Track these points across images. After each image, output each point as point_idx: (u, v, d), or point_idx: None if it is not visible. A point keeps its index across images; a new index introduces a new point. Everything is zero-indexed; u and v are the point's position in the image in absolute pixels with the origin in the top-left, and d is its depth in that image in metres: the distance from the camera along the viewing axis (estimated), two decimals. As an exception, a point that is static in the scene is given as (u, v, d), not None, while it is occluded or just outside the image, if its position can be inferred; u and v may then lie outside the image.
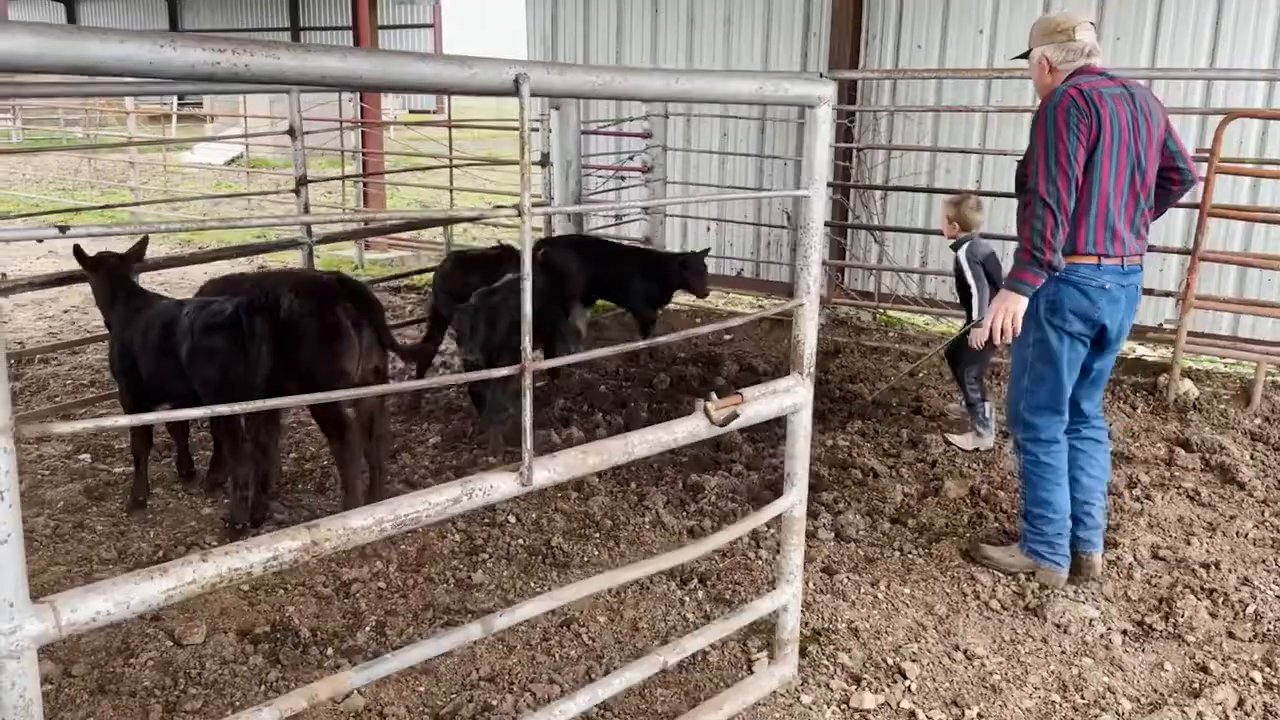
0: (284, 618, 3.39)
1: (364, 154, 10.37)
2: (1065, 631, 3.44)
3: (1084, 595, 3.68)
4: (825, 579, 3.79)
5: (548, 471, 2.12)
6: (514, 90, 1.86)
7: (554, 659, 3.25)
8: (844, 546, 4.08)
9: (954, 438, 5.21)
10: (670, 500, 4.47)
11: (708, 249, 6.89)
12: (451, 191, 8.88)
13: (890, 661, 3.25)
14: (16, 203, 13.68)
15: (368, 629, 3.37)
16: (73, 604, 1.51)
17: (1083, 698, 3.08)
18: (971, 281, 4.98)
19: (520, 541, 4.04)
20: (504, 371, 2.02)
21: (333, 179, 9.83)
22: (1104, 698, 3.09)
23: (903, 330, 7.92)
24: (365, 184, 10.35)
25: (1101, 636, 3.42)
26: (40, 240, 1.50)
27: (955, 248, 5.13)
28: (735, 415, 2.52)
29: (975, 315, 4.90)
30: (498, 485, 2.01)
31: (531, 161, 6.44)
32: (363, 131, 10.17)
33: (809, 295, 2.69)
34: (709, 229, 9.07)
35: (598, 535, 4.13)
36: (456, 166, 8.85)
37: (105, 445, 4.95)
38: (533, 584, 3.75)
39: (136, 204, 9.32)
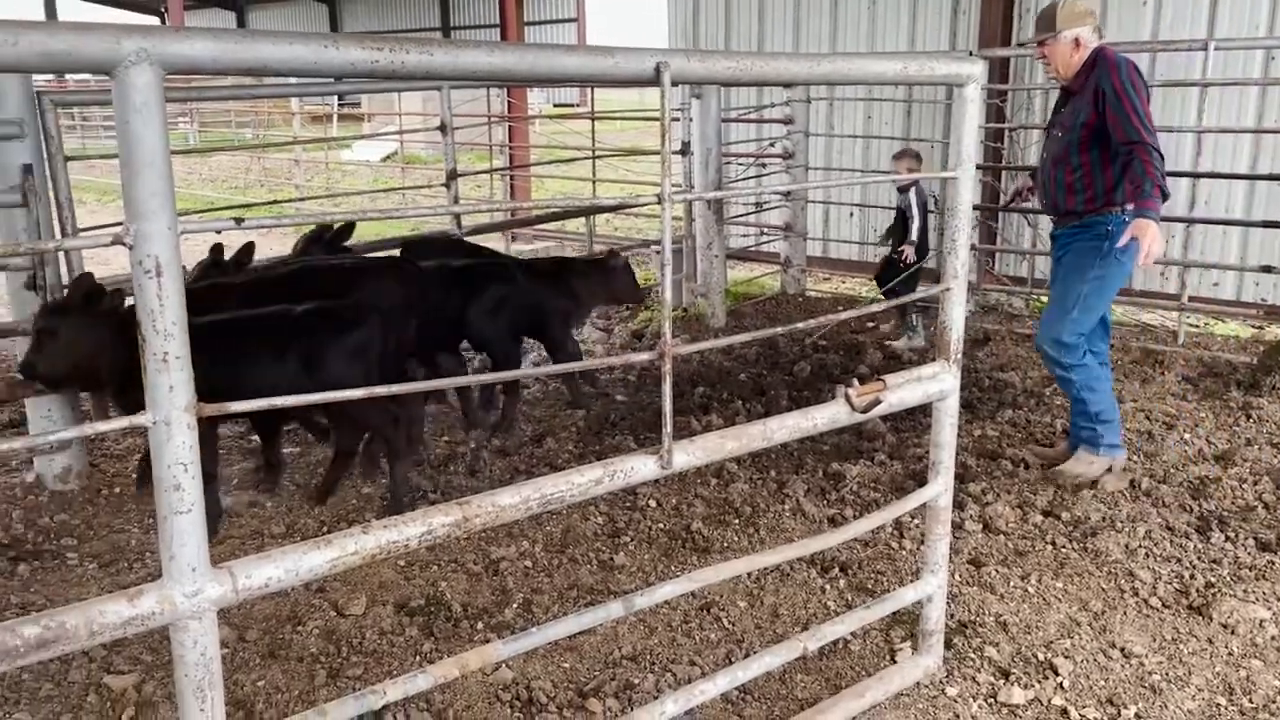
0: (437, 592, 3.54)
1: (510, 148, 10.65)
2: (1233, 632, 3.26)
3: (1254, 595, 3.47)
4: (972, 571, 3.70)
5: (687, 455, 2.15)
6: (655, 78, 1.90)
7: (694, 641, 3.29)
8: (993, 538, 3.97)
9: (892, 343, 6.56)
10: (811, 488, 4.44)
11: (616, 252, 5.84)
12: (594, 182, 9.02)
13: (1041, 657, 3.15)
14: (194, 200, 14.64)
15: (515, 606, 3.49)
16: (248, 570, 1.63)
17: (1251, 701, 2.92)
18: (916, 216, 6.37)
19: (661, 526, 4.10)
20: (644, 356, 2.06)
21: (481, 172, 10.12)
22: (1275, 701, 2.92)
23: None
24: (511, 177, 10.62)
25: (1273, 638, 3.23)
26: (219, 232, 1.64)
27: (903, 190, 6.44)
28: (877, 402, 2.50)
29: (914, 236, 6.39)
30: (638, 467, 2.06)
31: (672, 150, 6.46)
32: (509, 126, 10.44)
33: (956, 280, 2.63)
34: (852, 215, 8.93)
35: (737, 522, 4.15)
36: (599, 158, 8.98)
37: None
38: (673, 567, 3.80)
39: (301, 199, 9.84)
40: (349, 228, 5.11)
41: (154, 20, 40.80)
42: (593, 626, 3.28)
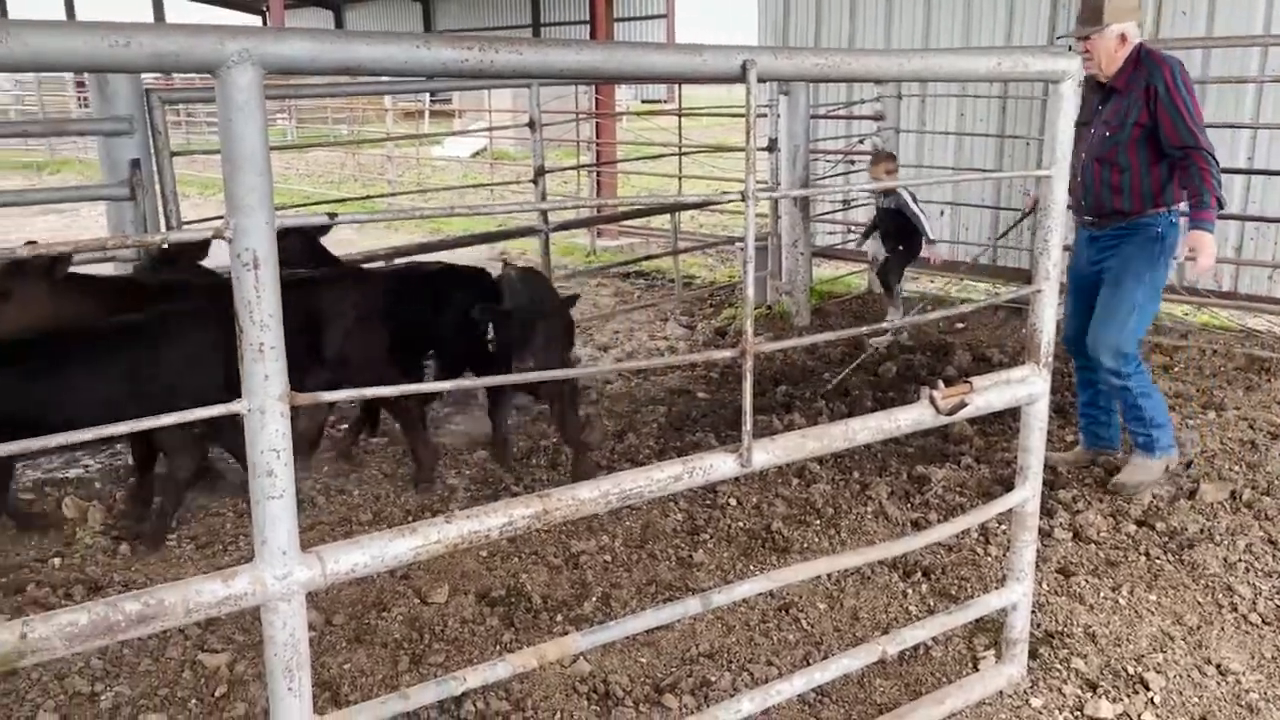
0: (518, 584, 3.59)
1: (597, 144, 10.71)
2: (1339, 654, 3.11)
3: (1365, 616, 3.31)
4: (1061, 580, 3.61)
5: (767, 454, 2.14)
6: (741, 76, 1.89)
7: (772, 641, 3.28)
8: (1083, 548, 3.86)
9: (885, 321, 6.41)
10: (894, 491, 4.37)
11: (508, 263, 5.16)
12: (680, 179, 9.02)
13: (1131, 671, 3.05)
14: (291, 194, 15.07)
15: (594, 599, 3.52)
16: (336, 555, 1.68)
17: (1358, 727, 2.79)
18: (919, 211, 6.38)
19: (740, 524, 4.09)
20: (725, 354, 2.06)
21: (568, 168, 10.21)
22: (1385, 730, 2.78)
23: (1158, 321, 7.35)
24: (598, 173, 10.69)
25: (1384, 662, 3.07)
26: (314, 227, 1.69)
27: (888, 193, 6.44)
28: (962, 405, 2.45)
29: (932, 235, 6.45)
30: (717, 465, 2.06)
31: (759, 147, 6.40)
32: (597, 122, 10.50)
33: (1048, 281, 2.56)
34: (943, 213, 8.75)
35: (818, 522, 4.11)
36: (685, 154, 8.97)
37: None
38: (752, 566, 3.79)
39: (393, 194, 10.05)
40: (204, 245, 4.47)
41: (256, 19, 42.10)
42: (670, 623, 3.31)
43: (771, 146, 7.36)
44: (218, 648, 3.19)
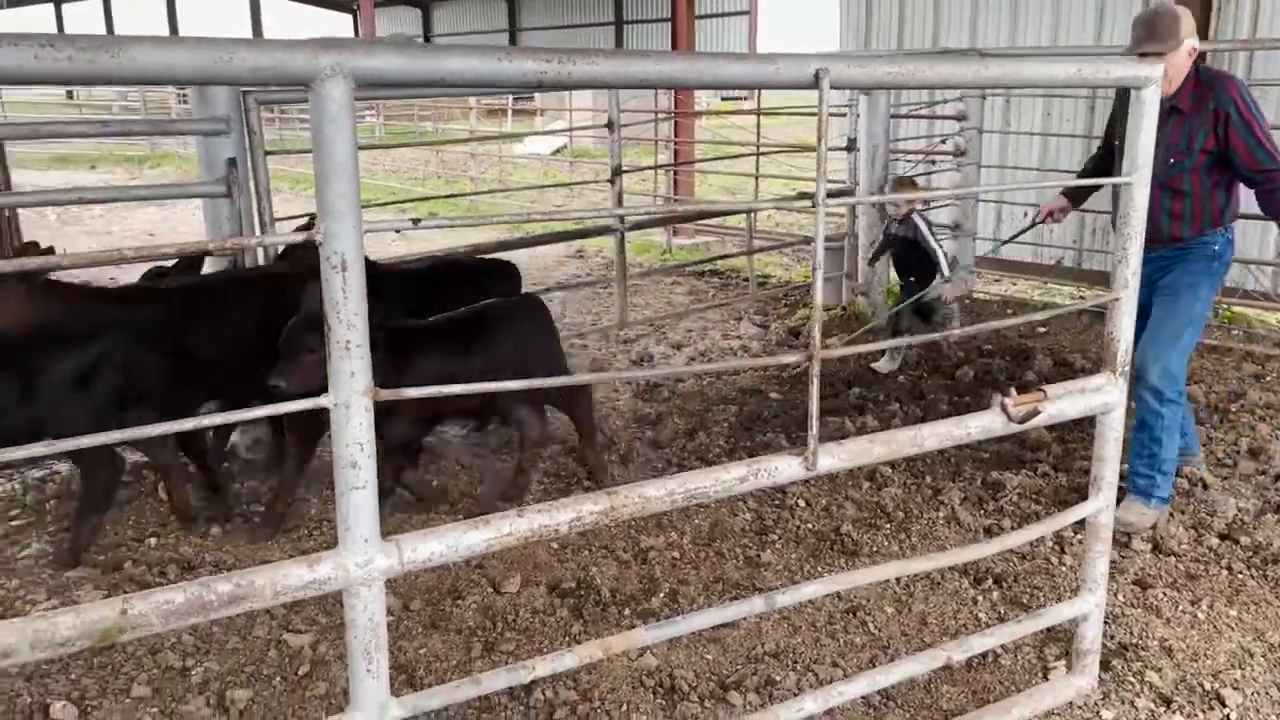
0: (588, 577, 3.66)
1: (675, 143, 10.74)
2: None
3: None
4: (1137, 592, 3.55)
5: (833, 458, 2.17)
6: (814, 84, 1.92)
7: (838, 643, 3.29)
8: (1162, 560, 3.78)
9: (879, 365, 6.20)
10: (968, 497, 4.34)
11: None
12: (757, 178, 9.02)
13: (1207, 686, 3.00)
14: (377, 190, 15.43)
15: (661, 595, 3.57)
16: (414, 544, 1.76)
17: None
18: (936, 246, 5.79)
19: (809, 526, 4.10)
20: (792, 358, 2.09)
21: (645, 169, 10.28)
22: None
23: (1249, 328, 7.12)
24: (676, 172, 10.73)
25: None
26: (398, 231, 1.78)
27: (902, 221, 5.91)
28: (1035, 413, 2.44)
29: (947, 273, 5.78)
30: (782, 468, 2.09)
31: (838, 147, 6.38)
32: (675, 121, 10.54)
33: (1126, 289, 2.54)
34: (1026, 214, 8.58)
35: (888, 526, 4.10)
36: (763, 154, 8.97)
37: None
38: (820, 568, 3.80)
39: (476, 194, 10.23)
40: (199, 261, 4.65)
41: (347, 18, 43.11)
42: (736, 621, 3.35)
43: (850, 146, 7.32)
44: (302, 628, 3.33)
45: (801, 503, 4.30)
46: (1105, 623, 3.31)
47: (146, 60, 1.39)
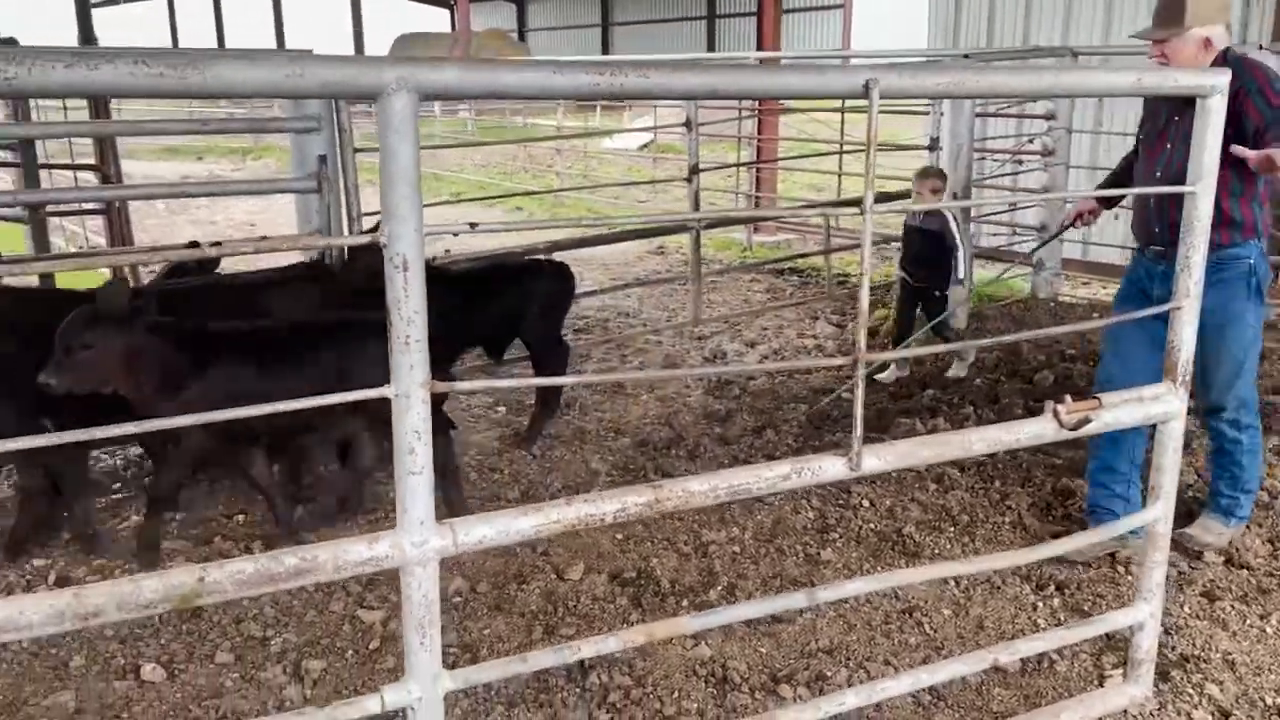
0: (649, 567, 3.75)
1: (759, 140, 10.75)
2: None
3: None
4: (1204, 604, 3.49)
5: (878, 459, 2.21)
6: (864, 94, 1.97)
7: (893, 642, 3.32)
8: (1234, 573, 3.71)
9: (951, 372, 6.01)
10: (1036, 503, 4.30)
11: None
12: (840, 176, 8.98)
13: (1270, 702, 2.95)
14: (465, 184, 15.78)
15: (720, 588, 3.64)
16: (466, 528, 1.87)
17: None
18: (961, 244, 5.60)
19: (871, 526, 4.12)
20: (835, 361, 2.14)
21: (724, 166, 10.32)
22: None
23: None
24: (758, 169, 10.75)
25: None
26: (455, 235, 1.89)
27: (929, 213, 5.66)
28: (1087, 420, 2.44)
29: (962, 274, 5.65)
30: (826, 467, 2.15)
31: (920, 146, 6.32)
32: (759, 119, 10.55)
33: (1188, 298, 2.51)
34: (1116, 216, 8.39)
35: (952, 529, 4.10)
36: (847, 152, 8.92)
37: (519, 401, 5.69)
38: (879, 568, 3.82)
39: (560, 190, 10.40)
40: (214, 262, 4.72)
41: (444, 14, 43.86)
42: (792, 617, 3.41)
43: (933, 145, 7.26)
44: (374, 605, 3.49)
45: (866, 503, 4.32)
46: (1168, 633, 3.29)
47: (230, 76, 1.52)
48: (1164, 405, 2.60)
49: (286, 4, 35.88)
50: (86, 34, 6.88)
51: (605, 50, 40.97)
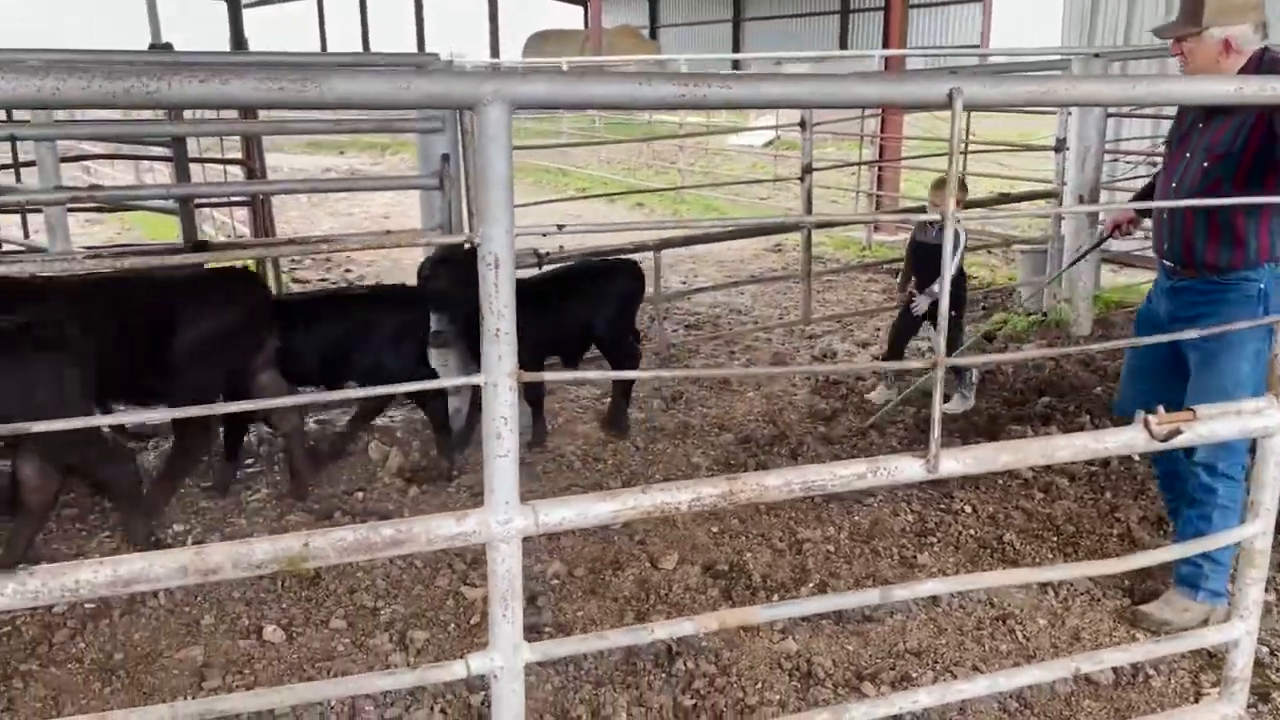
0: (741, 561, 3.83)
1: (881, 138, 10.61)
2: None
3: None
4: (1317, 629, 3.36)
5: (956, 462, 2.23)
6: (948, 104, 2.00)
7: (983, 648, 3.31)
8: (1354, 598, 3.55)
9: (950, 407, 5.48)
10: (1146, 516, 4.19)
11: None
12: (964, 176, 8.77)
13: (1379, 734, 2.83)
14: (588, 179, 16.05)
15: (811, 585, 3.69)
16: (548, 510, 1.99)
17: None
18: (955, 256, 5.21)
19: (971, 532, 4.09)
20: (914, 364, 2.17)
21: (840, 166, 10.22)
22: None
23: None
24: (880, 168, 10.62)
25: None
26: (544, 234, 2.01)
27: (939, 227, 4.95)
28: (1178, 432, 2.40)
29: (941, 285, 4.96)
30: (903, 468, 2.17)
31: (1045, 147, 6.16)
32: (883, 116, 10.41)
33: None
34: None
35: (1055, 539, 4.03)
36: (971, 152, 8.74)
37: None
38: (977, 572, 3.80)
39: (680, 187, 10.49)
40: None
41: (578, 10, 44.50)
42: (881, 617, 3.44)
43: (1059, 147, 7.06)
44: (477, 583, 3.67)
45: (968, 508, 4.29)
46: (1274, 654, 3.18)
47: (343, 90, 1.67)
48: (1264, 420, 2.51)
49: (428, 2, 37.12)
50: (238, 37, 7.33)
51: (736, 46, 40.89)
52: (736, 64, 25.72)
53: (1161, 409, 2.46)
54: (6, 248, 6.46)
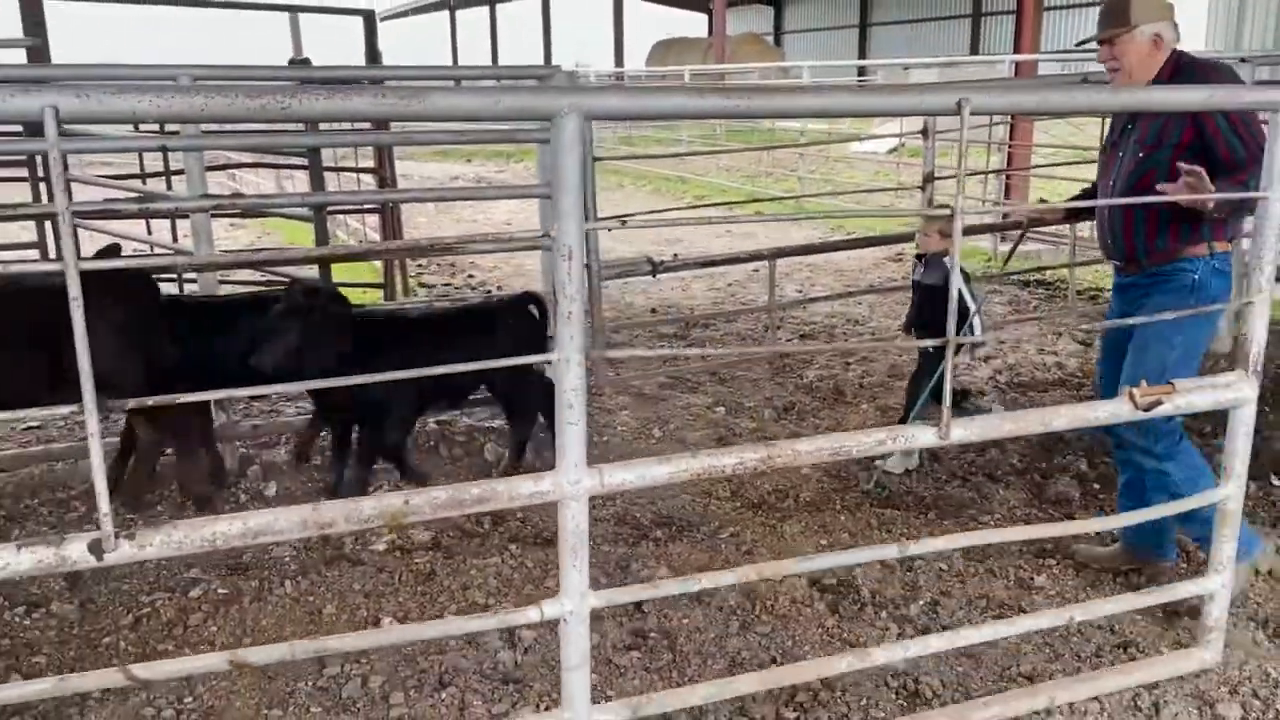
0: (850, 576, 3.78)
1: (1009, 146, 10.30)
2: None
3: None
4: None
5: (965, 430, 2.53)
6: (957, 112, 2.17)
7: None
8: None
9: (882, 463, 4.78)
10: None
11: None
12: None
13: None
14: (706, 187, 16.11)
15: (921, 603, 3.62)
16: (611, 472, 2.25)
17: None
18: (970, 295, 4.59)
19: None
20: (931, 343, 2.13)
21: (976, 173, 9.98)
22: None
23: None
24: (1008, 175, 10.32)
25: None
26: (609, 229, 2.29)
27: (932, 264, 4.72)
28: (1159, 402, 2.71)
29: (979, 332, 4.65)
30: (918, 435, 2.48)
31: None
32: (1012, 122, 10.11)
33: (1260, 294, 2.74)
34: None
35: (1184, 565, 3.86)
36: (1071, 162, 8.40)
37: (738, 404, 5.81)
38: (1096, 599, 3.66)
39: (799, 195, 10.42)
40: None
41: (702, 17, 44.69)
42: (995, 640, 3.35)
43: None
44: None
45: (1092, 531, 4.13)
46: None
47: (442, 104, 1.95)
48: (1235, 392, 2.81)
49: (555, 13, 37.94)
50: (372, 51, 7.63)
51: (862, 52, 40.39)
52: (861, 70, 25.41)
53: (1144, 383, 2.75)
54: (156, 250, 6.89)
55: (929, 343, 3.72)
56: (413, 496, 2.11)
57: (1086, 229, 8.96)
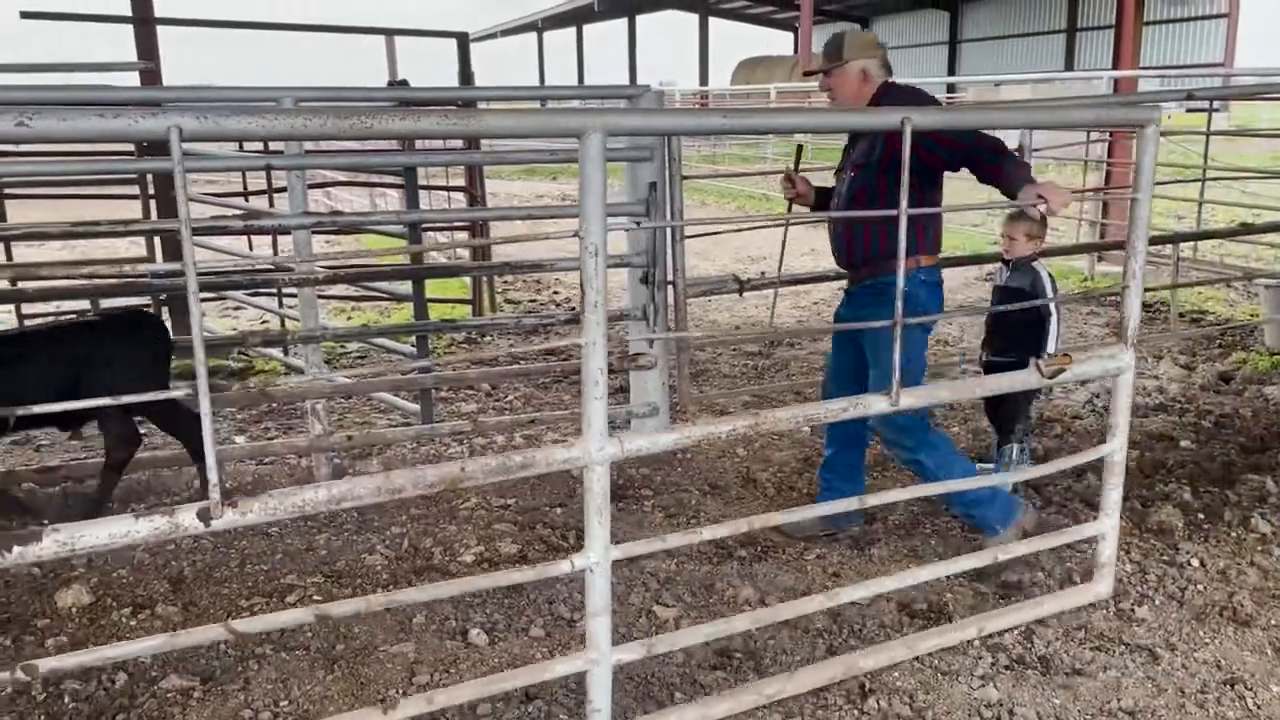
0: (942, 602, 3.71)
1: (1109, 164, 10.00)
2: None
3: None
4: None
5: (913, 398, 3.05)
6: (899, 128, 2.39)
7: (1207, 713, 3.07)
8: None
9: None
10: None
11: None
12: (1200, 204, 8.14)
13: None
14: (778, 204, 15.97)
15: (1017, 632, 3.52)
16: (629, 439, 2.59)
17: None
18: (1055, 306, 4.29)
19: (1199, 587, 3.79)
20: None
21: (1080, 191, 9.71)
22: None
23: None
24: (1104, 194, 10.01)
25: None
26: (627, 231, 2.39)
27: (1019, 267, 4.44)
28: (1062, 371, 3.19)
29: (1053, 348, 4.18)
30: (872, 403, 3.00)
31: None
32: (1110, 141, 9.83)
33: (1134, 279, 3.19)
34: None
35: (1297, 601, 3.68)
36: (1211, 179, 8.11)
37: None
38: (1202, 632, 3.52)
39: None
40: None
41: (788, 35, 44.51)
42: (1094, 671, 3.25)
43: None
44: (669, 603, 3.74)
45: (1195, 561, 3.99)
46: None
47: (497, 125, 2.30)
48: (1117, 362, 3.32)
49: (641, 33, 38.24)
50: (465, 71, 7.80)
51: (951, 69, 39.79)
52: (950, 87, 25.01)
53: (1049, 354, 3.44)
54: (260, 265, 7.13)
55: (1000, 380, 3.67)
56: (468, 464, 2.43)
57: (1188, 250, 8.69)
